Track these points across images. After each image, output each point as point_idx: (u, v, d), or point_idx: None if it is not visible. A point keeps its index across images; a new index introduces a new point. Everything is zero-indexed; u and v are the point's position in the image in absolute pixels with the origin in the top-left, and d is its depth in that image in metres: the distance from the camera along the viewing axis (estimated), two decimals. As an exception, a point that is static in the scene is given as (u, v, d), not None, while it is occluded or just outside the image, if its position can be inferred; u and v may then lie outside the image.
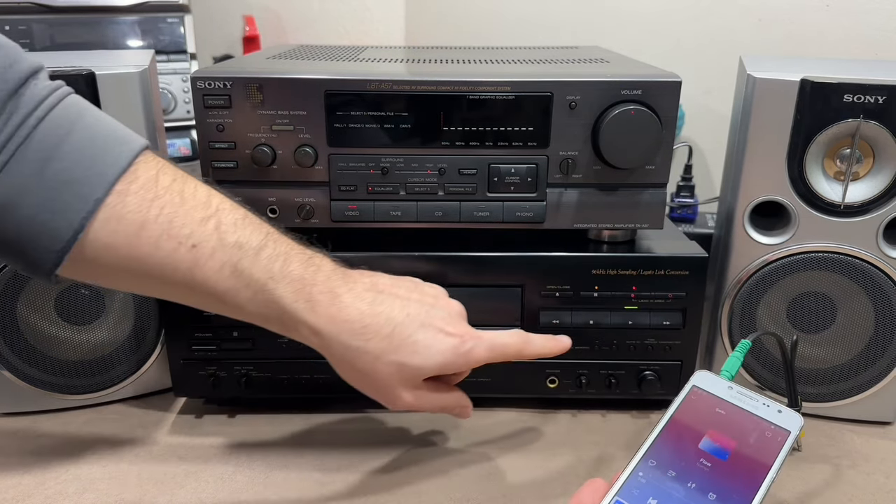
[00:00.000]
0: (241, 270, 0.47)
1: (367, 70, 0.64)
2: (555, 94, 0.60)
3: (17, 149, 0.42)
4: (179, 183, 0.47)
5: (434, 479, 0.58)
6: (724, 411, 0.47)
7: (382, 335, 0.49)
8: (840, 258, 0.63)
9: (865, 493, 0.58)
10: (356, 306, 0.49)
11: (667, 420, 0.47)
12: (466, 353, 0.51)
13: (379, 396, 0.53)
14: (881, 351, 0.64)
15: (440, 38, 1.15)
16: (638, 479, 0.44)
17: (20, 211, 0.43)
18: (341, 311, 0.49)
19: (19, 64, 0.43)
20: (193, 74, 0.60)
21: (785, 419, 0.46)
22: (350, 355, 0.49)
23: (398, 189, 0.63)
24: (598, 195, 0.63)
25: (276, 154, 0.61)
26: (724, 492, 0.43)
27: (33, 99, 0.43)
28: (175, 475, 0.59)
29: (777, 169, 0.62)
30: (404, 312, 0.50)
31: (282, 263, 0.48)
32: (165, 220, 0.45)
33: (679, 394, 0.48)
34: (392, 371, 0.50)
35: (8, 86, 0.42)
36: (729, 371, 0.50)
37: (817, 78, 0.59)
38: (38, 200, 0.43)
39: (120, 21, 1.02)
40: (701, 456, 0.45)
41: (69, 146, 0.43)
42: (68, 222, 0.43)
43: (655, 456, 0.45)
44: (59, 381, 0.66)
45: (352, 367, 0.50)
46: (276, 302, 0.48)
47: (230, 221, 0.47)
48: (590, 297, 0.64)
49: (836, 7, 0.97)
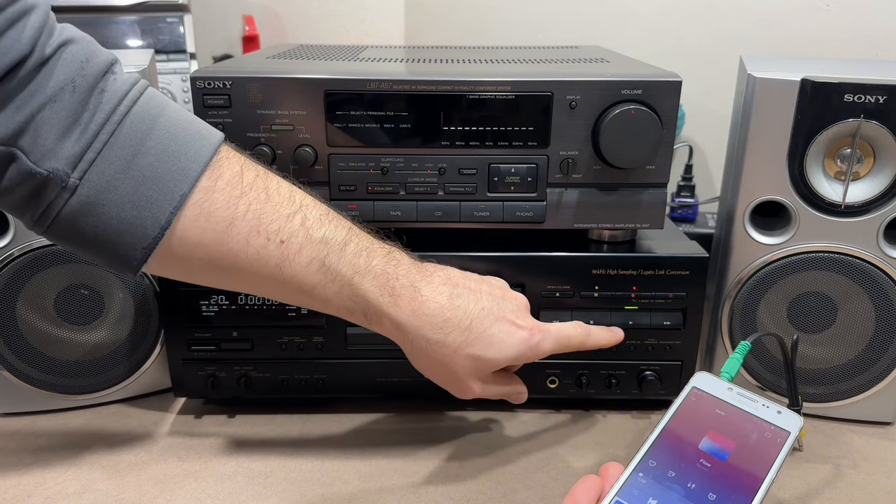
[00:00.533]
0: (328, 266, 0.48)
1: (367, 70, 0.64)
2: (555, 93, 0.60)
3: (103, 146, 0.42)
4: (263, 179, 0.47)
5: (434, 479, 0.58)
6: (724, 412, 0.47)
7: (461, 328, 0.51)
8: (840, 258, 0.63)
9: (865, 493, 0.58)
10: (436, 300, 0.51)
11: (667, 421, 0.47)
12: (535, 345, 0.53)
13: (450, 387, 0.54)
14: (881, 351, 0.64)
15: (440, 38, 1.15)
16: (638, 479, 0.44)
17: (107, 207, 0.43)
18: (422, 305, 0.50)
19: (97, 57, 0.43)
20: (193, 74, 0.60)
21: (785, 420, 0.46)
22: (430, 348, 0.51)
23: (398, 189, 0.63)
24: (599, 195, 0.63)
25: (275, 154, 0.61)
26: (723, 492, 0.43)
27: (116, 94, 0.43)
28: (175, 475, 0.59)
29: (777, 169, 0.62)
30: (479, 306, 0.52)
31: (366, 258, 0.49)
32: (254, 216, 0.46)
33: (679, 395, 0.48)
34: (468, 363, 0.52)
35: (88, 81, 0.42)
36: (729, 372, 0.50)
37: (818, 78, 0.59)
38: (124, 197, 0.43)
39: (120, 21, 1.02)
40: (701, 457, 0.45)
41: (153, 141, 0.44)
42: (154, 218, 0.43)
43: (655, 456, 0.45)
44: (59, 381, 0.66)
45: (430, 359, 0.52)
46: (361, 296, 0.49)
47: (315, 217, 0.48)
48: (590, 297, 0.64)
49: (836, 7, 0.97)
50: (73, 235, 0.44)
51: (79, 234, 0.44)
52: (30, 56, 0.40)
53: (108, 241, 0.44)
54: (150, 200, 0.43)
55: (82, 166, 0.42)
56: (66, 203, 0.42)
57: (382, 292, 0.49)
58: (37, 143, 0.40)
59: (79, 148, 0.42)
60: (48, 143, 0.41)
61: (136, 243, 0.44)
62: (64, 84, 0.41)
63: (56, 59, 0.41)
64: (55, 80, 0.41)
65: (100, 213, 0.43)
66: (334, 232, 0.49)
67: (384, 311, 0.50)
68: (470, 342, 0.51)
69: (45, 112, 0.40)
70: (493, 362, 0.52)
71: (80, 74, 0.42)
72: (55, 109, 0.41)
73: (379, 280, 0.49)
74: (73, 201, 0.42)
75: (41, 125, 0.40)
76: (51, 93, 0.41)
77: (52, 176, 0.41)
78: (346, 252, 0.48)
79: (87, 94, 0.42)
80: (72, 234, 0.44)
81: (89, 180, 0.42)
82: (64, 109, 0.41)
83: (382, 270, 0.50)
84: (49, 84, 0.41)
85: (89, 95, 0.42)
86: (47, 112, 0.41)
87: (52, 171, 0.41)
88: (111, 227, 0.43)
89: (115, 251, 0.44)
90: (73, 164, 0.42)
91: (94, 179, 0.42)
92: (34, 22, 0.40)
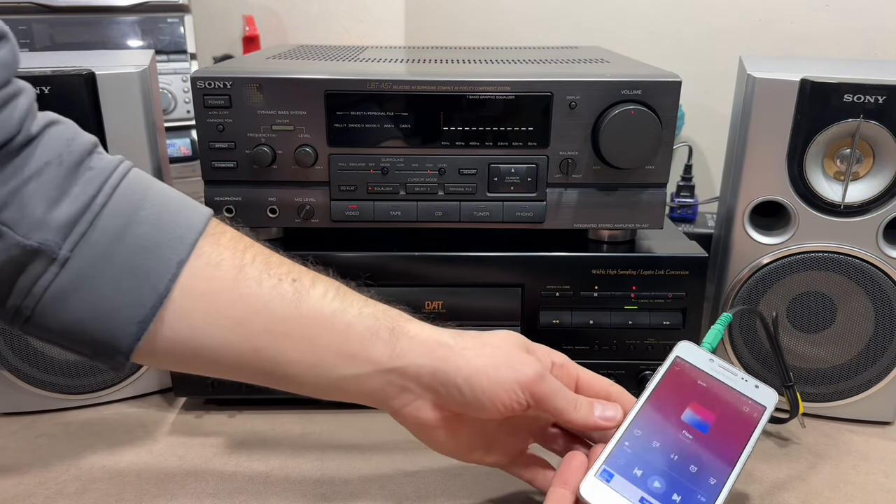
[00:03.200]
0: (342, 295, 0.47)
1: (367, 70, 0.64)
2: (555, 93, 0.60)
3: (95, 217, 0.41)
4: (259, 243, 0.47)
5: (435, 479, 0.58)
6: (705, 384, 0.49)
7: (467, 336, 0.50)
8: (840, 258, 0.63)
9: (865, 493, 0.58)
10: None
11: (651, 390, 0.49)
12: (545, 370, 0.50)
13: (517, 363, 0.50)
14: (881, 351, 0.64)
15: (440, 38, 1.15)
16: (624, 448, 0.46)
17: (100, 280, 0.41)
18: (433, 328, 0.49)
19: (81, 136, 0.43)
20: (193, 74, 0.60)
21: (762, 395, 0.49)
22: (471, 338, 0.49)
23: (398, 189, 0.63)
24: (598, 195, 0.63)
25: (275, 154, 0.61)
26: (703, 465, 0.45)
27: (104, 170, 0.43)
28: (175, 475, 0.59)
29: (777, 169, 0.62)
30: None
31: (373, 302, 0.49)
32: (261, 262, 0.45)
33: (663, 363, 0.50)
34: (506, 334, 0.50)
35: (74, 157, 0.42)
36: (710, 343, 0.52)
37: (817, 78, 0.59)
38: (119, 267, 0.41)
39: (120, 21, 1.02)
40: (683, 428, 0.47)
41: (146, 211, 0.43)
42: (152, 287, 0.42)
43: (641, 425, 0.47)
44: (59, 381, 0.66)
45: (480, 346, 0.49)
46: (382, 310, 0.48)
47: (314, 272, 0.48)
48: (590, 297, 0.64)
49: (836, 7, 0.97)
50: (58, 320, 0.41)
51: (66, 315, 0.41)
52: (17, 135, 0.40)
53: (98, 318, 0.41)
54: (147, 269, 0.42)
55: (73, 238, 0.40)
56: (54, 279, 0.40)
57: (401, 313, 0.48)
58: (24, 215, 0.39)
59: (69, 217, 0.40)
60: (36, 214, 0.39)
61: (131, 316, 0.42)
62: (50, 159, 0.41)
63: (41, 138, 0.41)
64: (41, 156, 0.40)
65: (92, 287, 0.41)
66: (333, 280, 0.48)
67: (412, 318, 0.48)
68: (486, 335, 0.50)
69: (31, 185, 0.40)
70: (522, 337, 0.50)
71: (67, 150, 0.41)
72: (42, 182, 0.40)
73: (391, 311, 0.49)
74: (62, 276, 0.40)
75: (27, 198, 0.39)
76: (36, 167, 0.40)
77: (43, 248, 0.39)
78: (351, 287, 0.48)
79: (74, 168, 0.41)
80: (57, 318, 0.41)
81: (81, 252, 0.41)
82: (51, 182, 0.40)
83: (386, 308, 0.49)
84: (34, 159, 0.40)
85: (76, 169, 0.41)
86: (33, 185, 0.40)
87: (43, 242, 0.39)
88: (104, 302, 0.41)
89: (106, 331, 0.42)
90: (64, 234, 0.40)
91: (87, 251, 0.41)
92: (23, 104, 0.40)
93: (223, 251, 0.45)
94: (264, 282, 0.45)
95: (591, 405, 0.48)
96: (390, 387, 0.47)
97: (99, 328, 0.42)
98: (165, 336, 0.43)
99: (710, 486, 0.44)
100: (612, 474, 0.45)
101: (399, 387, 0.47)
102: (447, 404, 0.47)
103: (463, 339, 0.48)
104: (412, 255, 0.63)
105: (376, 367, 0.46)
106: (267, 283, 0.45)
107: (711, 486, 0.44)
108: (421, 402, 0.47)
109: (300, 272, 0.47)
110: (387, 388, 0.47)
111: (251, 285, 0.44)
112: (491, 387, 0.46)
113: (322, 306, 0.46)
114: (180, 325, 0.43)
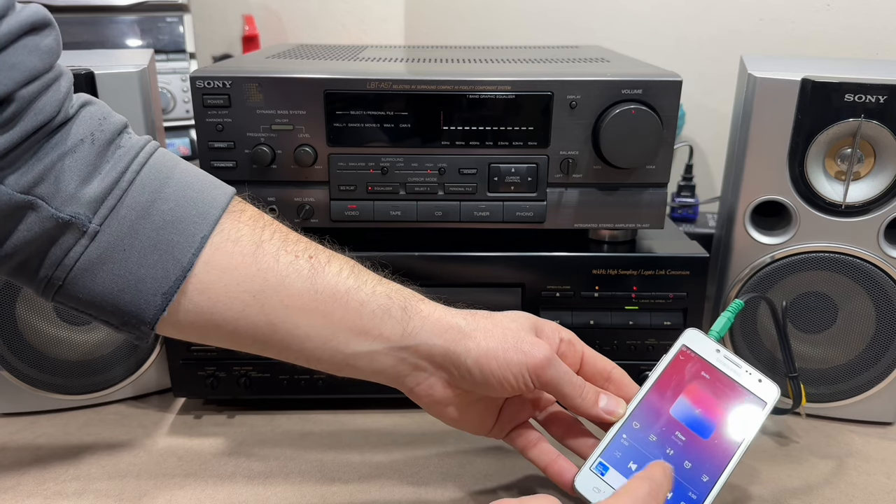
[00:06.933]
0: (357, 273, 0.48)
1: (367, 69, 0.64)
2: (555, 93, 0.60)
3: (123, 193, 0.43)
4: (278, 221, 0.49)
5: (435, 479, 0.58)
6: (708, 376, 0.49)
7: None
8: (841, 258, 0.63)
9: (866, 493, 0.57)
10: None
11: (654, 380, 0.49)
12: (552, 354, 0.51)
13: (523, 344, 0.50)
14: (882, 351, 0.64)
15: (440, 38, 1.15)
16: (621, 441, 0.46)
17: (128, 253, 0.43)
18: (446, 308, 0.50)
19: (113, 117, 0.46)
20: (193, 74, 0.60)
21: (764, 390, 0.49)
22: (482, 316, 0.50)
23: (398, 189, 0.62)
24: (599, 195, 0.63)
25: (275, 154, 0.61)
26: (699, 462, 0.45)
27: (132, 149, 0.45)
28: (175, 475, 0.59)
29: (778, 169, 0.62)
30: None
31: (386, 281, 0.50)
32: (279, 239, 0.47)
33: (669, 351, 0.50)
34: (514, 315, 0.51)
35: (105, 136, 0.44)
36: (718, 332, 0.52)
37: (818, 77, 0.59)
38: (145, 241, 0.43)
39: (119, 20, 1.02)
40: (681, 424, 0.47)
41: (171, 188, 0.45)
42: (176, 260, 0.44)
43: (640, 418, 0.47)
44: (59, 381, 0.66)
45: (488, 324, 0.50)
46: (396, 289, 0.49)
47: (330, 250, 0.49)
48: (590, 297, 0.64)
49: (837, 7, 0.97)
50: (87, 290, 0.43)
51: (95, 286, 0.43)
52: (57, 115, 0.42)
53: (126, 289, 0.43)
54: (171, 244, 0.44)
55: (102, 212, 0.43)
56: (84, 251, 0.43)
57: (414, 293, 0.49)
58: (58, 189, 0.42)
59: (99, 193, 0.43)
60: (69, 189, 0.42)
61: (156, 288, 0.44)
62: (83, 137, 0.43)
63: (77, 117, 0.44)
64: (75, 134, 0.43)
65: (120, 260, 0.43)
66: (348, 258, 0.50)
67: (425, 298, 0.49)
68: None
69: (65, 161, 0.42)
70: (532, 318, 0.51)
71: (99, 129, 0.44)
72: (75, 159, 0.42)
73: (404, 290, 0.50)
74: (92, 249, 0.43)
75: (62, 173, 0.42)
76: (71, 144, 0.43)
77: (74, 221, 0.42)
78: (367, 270, 0.50)
79: (104, 147, 0.44)
80: (87, 289, 0.43)
81: (110, 226, 0.43)
82: (84, 159, 0.43)
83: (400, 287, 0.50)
84: (70, 137, 0.43)
85: (107, 149, 0.44)
86: (68, 161, 0.42)
87: (74, 215, 0.42)
88: (131, 274, 0.43)
89: (132, 302, 0.44)
90: (94, 208, 0.42)
91: (115, 225, 0.43)
92: (63, 87, 0.43)
93: (243, 227, 0.46)
94: (281, 258, 0.46)
95: (596, 395, 0.49)
96: (403, 364, 0.48)
97: (126, 299, 0.44)
98: (188, 308, 0.45)
99: (702, 483, 0.45)
100: (607, 468, 0.45)
101: (412, 365, 0.48)
102: (459, 383, 0.49)
103: (475, 319, 0.49)
104: (412, 255, 0.63)
105: (388, 344, 0.47)
106: (284, 259, 0.46)
107: (704, 483, 0.45)
108: (434, 379, 0.49)
109: (317, 250, 0.48)
110: (399, 366, 0.48)
111: (269, 261, 0.46)
112: (500, 369, 0.47)
113: (337, 283, 0.47)
114: (201, 297, 0.45)
